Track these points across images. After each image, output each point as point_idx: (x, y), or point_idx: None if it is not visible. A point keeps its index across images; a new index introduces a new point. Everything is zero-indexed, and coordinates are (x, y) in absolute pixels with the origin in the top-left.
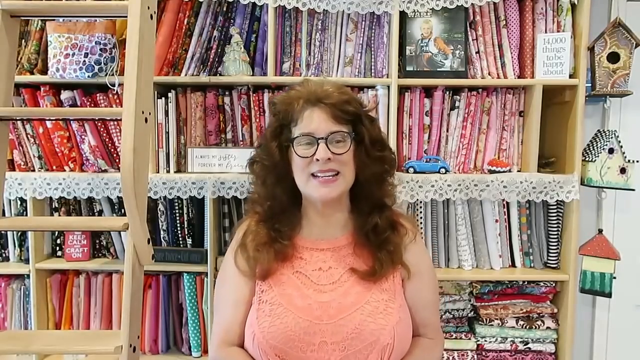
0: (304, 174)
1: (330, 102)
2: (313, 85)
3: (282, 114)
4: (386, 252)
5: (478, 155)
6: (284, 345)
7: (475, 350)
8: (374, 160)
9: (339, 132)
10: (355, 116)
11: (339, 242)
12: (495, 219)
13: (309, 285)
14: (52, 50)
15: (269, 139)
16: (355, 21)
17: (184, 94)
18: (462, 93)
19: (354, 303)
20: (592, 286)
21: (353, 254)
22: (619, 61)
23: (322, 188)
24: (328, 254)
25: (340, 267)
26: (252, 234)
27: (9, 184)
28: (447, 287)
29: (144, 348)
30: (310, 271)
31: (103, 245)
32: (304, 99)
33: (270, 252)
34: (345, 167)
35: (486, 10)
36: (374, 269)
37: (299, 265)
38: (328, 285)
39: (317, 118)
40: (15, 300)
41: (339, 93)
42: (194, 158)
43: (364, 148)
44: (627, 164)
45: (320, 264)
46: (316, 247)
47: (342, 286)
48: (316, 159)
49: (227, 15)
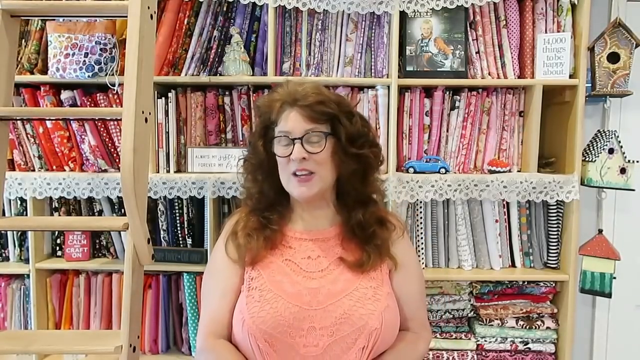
0: (285, 172)
1: (304, 103)
2: (292, 86)
3: (265, 116)
4: (374, 246)
5: (478, 155)
6: (273, 331)
7: (475, 350)
8: (351, 157)
9: (313, 133)
10: (331, 116)
11: (327, 233)
12: (495, 219)
13: (298, 272)
14: (52, 50)
15: (256, 139)
16: (355, 21)
17: (184, 94)
18: (462, 93)
19: (343, 289)
20: (592, 286)
21: (341, 245)
22: (619, 61)
23: (299, 187)
24: (317, 243)
25: (329, 257)
26: (243, 222)
27: (9, 183)
28: (447, 287)
29: (144, 348)
30: (299, 259)
31: (103, 245)
32: (282, 100)
33: (260, 239)
34: (321, 167)
35: (486, 10)
36: (361, 260)
37: (288, 253)
38: (317, 272)
39: (293, 119)
40: (15, 300)
41: (314, 94)
42: (194, 158)
43: (341, 146)
44: (627, 164)
45: (309, 253)
46: (305, 238)
47: (331, 274)
48: (292, 158)
49: (227, 15)
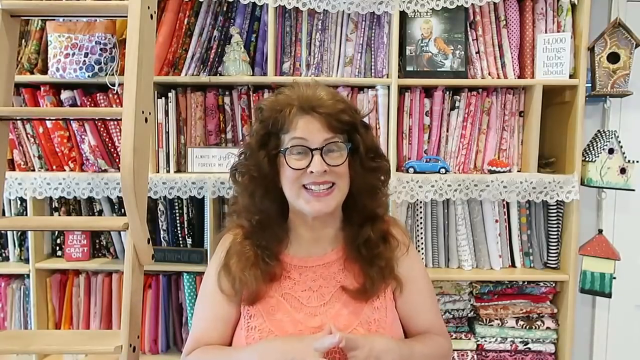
0: (294, 186)
1: (325, 111)
2: (304, 89)
3: (271, 121)
4: (377, 268)
5: (478, 155)
6: None
7: (475, 351)
8: (368, 170)
9: (334, 143)
10: (350, 125)
11: (328, 257)
12: (495, 219)
13: (299, 309)
14: (52, 50)
15: (256, 148)
16: (355, 21)
17: (184, 94)
18: (462, 93)
19: (346, 326)
20: (592, 286)
21: (344, 270)
22: (619, 61)
23: (315, 203)
24: (318, 271)
25: (331, 286)
26: (237, 254)
27: (9, 183)
28: (447, 287)
29: (144, 348)
30: (299, 292)
31: (103, 245)
32: (295, 105)
33: (258, 275)
34: (341, 179)
35: (486, 10)
36: (364, 287)
37: (288, 286)
38: (319, 307)
39: (310, 127)
40: (15, 300)
41: (334, 101)
42: (194, 158)
43: (359, 158)
44: (627, 164)
45: (309, 284)
46: (305, 265)
47: (333, 307)
48: (310, 171)
49: (227, 15)
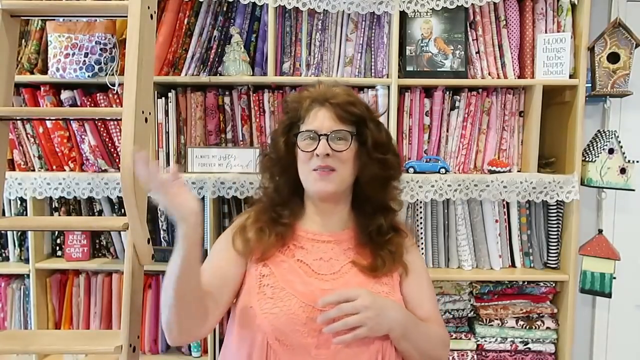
0: (306, 168)
1: (335, 101)
2: (324, 86)
3: (292, 112)
4: (387, 252)
5: (478, 155)
6: (285, 328)
7: (475, 351)
8: (374, 161)
9: (340, 130)
10: (359, 118)
11: (340, 235)
12: (495, 219)
13: (310, 274)
14: (52, 50)
15: (279, 134)
16: (355, 21)
17: (184, 94)
18: (462, 93)
19: None
20: (592, 286)
21: (354, 249)
22: (619, 61)
23: (318, 182)
24: (329, 245)
25: (341, 259)
26: (254, 217)
27: (9, 183)
28: (447, 287)
29: (144, 348)
30: (311, 260)
31: (103, 245)
32: (312, 98)
33: (272, 235)
34: (343, 165)
35: (486, 10)
36: (375, 264)
37: (300, 254)
38: (329, 275)
39: (322, 116)
40: (15, 300)
41: (345, 95)
42: (194, 158)
43: (366, 149)
44: (627, 164)
45: (321, 254)
46: (317, 239)
47: (343, 277)
48: (316, 154)
49: (227, 15)
